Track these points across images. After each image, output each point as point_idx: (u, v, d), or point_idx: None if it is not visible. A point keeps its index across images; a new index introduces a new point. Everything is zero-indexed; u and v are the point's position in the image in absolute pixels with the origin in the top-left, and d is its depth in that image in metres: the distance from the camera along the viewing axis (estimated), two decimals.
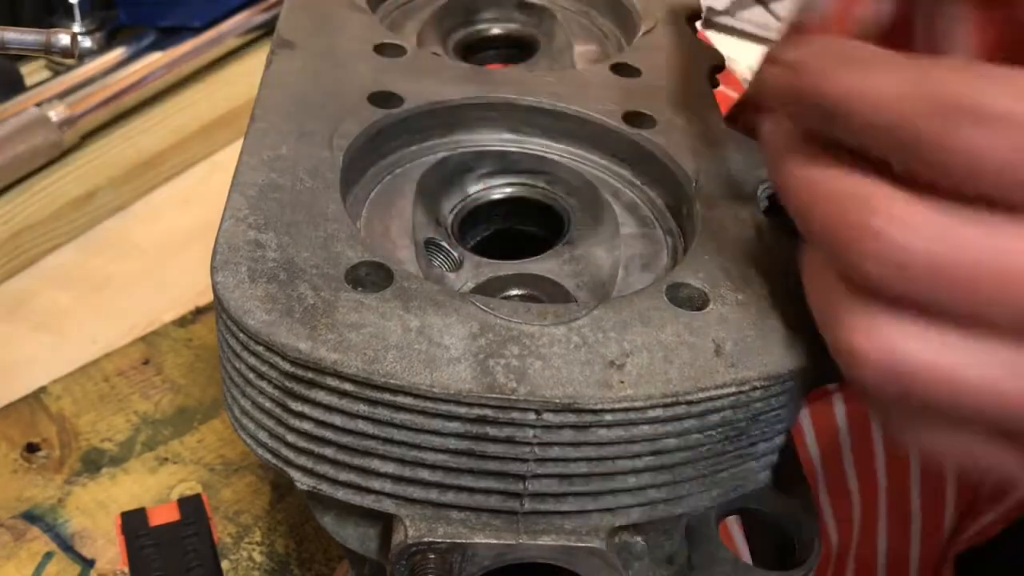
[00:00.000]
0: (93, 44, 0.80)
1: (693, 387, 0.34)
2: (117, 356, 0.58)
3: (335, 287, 0.35)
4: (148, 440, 0.54)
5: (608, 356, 0.34)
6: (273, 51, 0.48)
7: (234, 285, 0.35)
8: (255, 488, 0.52)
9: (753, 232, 0.41)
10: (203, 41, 0.80)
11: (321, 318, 0.34)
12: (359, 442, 0.34)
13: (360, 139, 0.43)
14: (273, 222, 0.38)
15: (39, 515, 0.49)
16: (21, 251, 0.64)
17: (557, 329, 0.35)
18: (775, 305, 0.37)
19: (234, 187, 0.39)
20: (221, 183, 0.41)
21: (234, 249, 0.36)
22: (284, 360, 0.33)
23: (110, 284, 0.65)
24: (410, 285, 0.36)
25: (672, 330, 0.35)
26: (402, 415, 0.33)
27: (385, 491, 0.35)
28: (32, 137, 0.67)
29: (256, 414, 0.36)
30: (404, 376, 0.32)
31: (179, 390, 0.57)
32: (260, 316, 0.34)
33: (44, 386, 0.56)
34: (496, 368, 0.33)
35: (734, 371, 0.34)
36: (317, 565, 0.48)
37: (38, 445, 0.53)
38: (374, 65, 0.49)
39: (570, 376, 0.33)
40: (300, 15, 0.52)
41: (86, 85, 0.73)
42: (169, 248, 0.68)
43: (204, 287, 0.63)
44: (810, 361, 0.35)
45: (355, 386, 0.33)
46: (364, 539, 0.37)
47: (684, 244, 0.43)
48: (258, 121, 0.43)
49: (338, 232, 0.38)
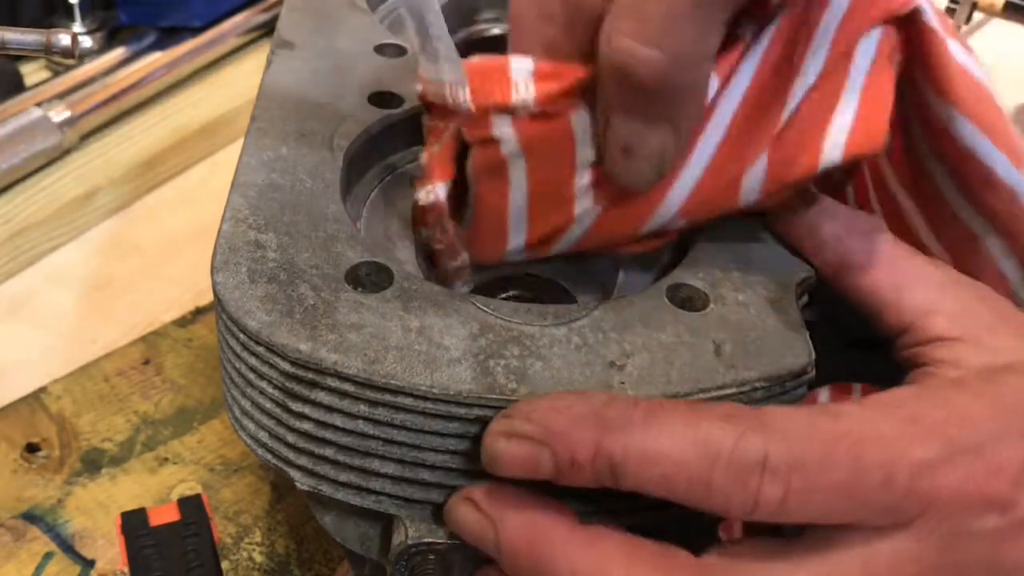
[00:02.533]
0: (93, 44, 0.80)
1: (693, 388, 0.34)
2: (117, 356, 0.58)
3: (335, 288, 0.35)
4: (148, 440, 0.54)
5: (608, 357, 0.34)
6: (273, 51, 0.48)
7: (234, 286, 0.35)
8: (255, 488, 0.52)
9: (753, 233, 0.41)
10: (203, 41, 0.80)
11: (321, 319, 0.34)
12: (359, 443, 0.34)
13: (360, 139, 0.43)
14: (273, 223, 0.38)
15: (39, 515, 0.49)
16: (21, 251, 0.64)
17: (557, 330, 0.35)
18: (775, 306, 0.37)
19: (234, 188, 0.39)
20: (221, 183, 0.41)
21: (234, 250, 0.36)
22: (284, 361, 0.33)
23: (110, 284, 0.64)
24: (410, 285, 0.36)
25: (672, 331, 0.35)
26: (402, 416, 0.33)
27: (385, 491, 0.35)
28: (32, 137, 0.67)
29: (256, 415, 0.36)
30: (404, 377, 0.32)
31: (179, 390, 0.57)
32: (260, 317, 0.34)
33: (44, 386, 0.56)
34: (496, 369, 0.33)
35: (734, 372, 0.34)
36: (317, 565, 0.48)
37: (38, 445, 0.53)
38: (374, 65, 0.49)
39: (570, 377, 0.33)
40: (300, 15, 0.52)
41: (86, 85, 0.72)
42: (169, 248, 0.68)
43: (204, 287, 0.63)
44: (810, 362, 0.35)
45: (355, 387, 0.33)
46: (364, 539, 0.37)
47: (684, 245, 0.42)
48: (258, 121, 0.43)
49: (338, 232, 0.38)
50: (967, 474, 0.30)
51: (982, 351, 0.34)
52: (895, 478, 0.30)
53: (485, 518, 0.32)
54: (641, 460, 0.30)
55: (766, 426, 0.30)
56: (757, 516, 0.30)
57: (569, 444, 0.31)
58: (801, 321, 0.37)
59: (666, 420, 0.31)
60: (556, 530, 0.32)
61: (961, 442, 0.31)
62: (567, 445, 0.31)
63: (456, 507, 0.33)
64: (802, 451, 0.30)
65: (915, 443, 0.31)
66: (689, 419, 0.31)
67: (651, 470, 0.30)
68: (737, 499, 0.30)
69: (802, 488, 0.30)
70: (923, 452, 0.30)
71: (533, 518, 0.32)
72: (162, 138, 0.74)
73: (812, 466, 0.30)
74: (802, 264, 0.39)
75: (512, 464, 0.32)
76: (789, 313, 0.37)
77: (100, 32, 0.80)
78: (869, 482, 0.30)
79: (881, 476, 0.30)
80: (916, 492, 0.30)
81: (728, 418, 0.31)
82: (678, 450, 0.30)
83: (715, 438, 0.30)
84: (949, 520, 0.30)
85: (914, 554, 0.31)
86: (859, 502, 0.30)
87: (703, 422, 0.31)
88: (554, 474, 0.31)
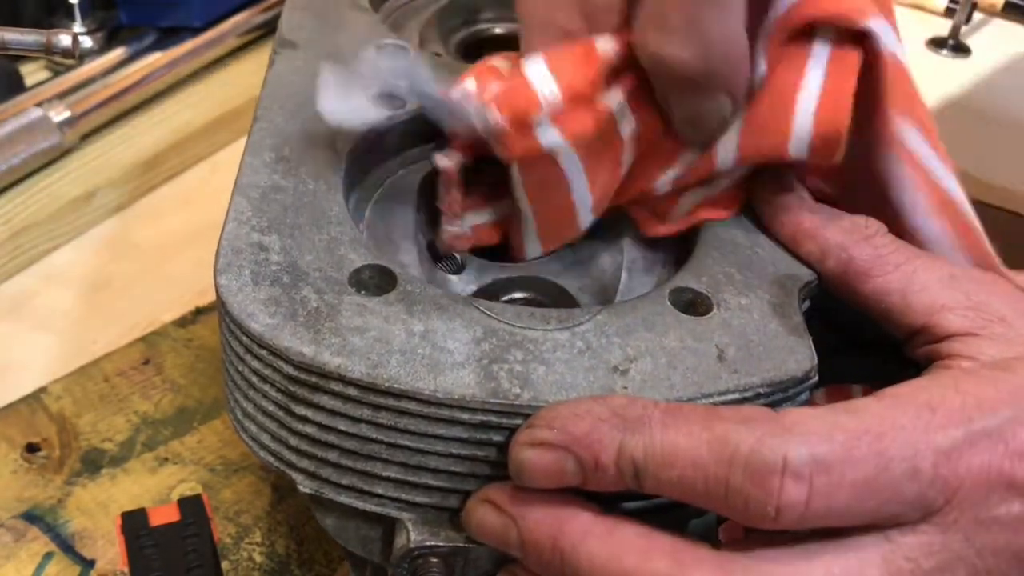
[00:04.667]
0: (93, 44, 0.79)
1: (696, 393, 0.34)
2: (117, 356, 0.58)
3: (338, 291, 0.35)
4: (148, 440, 0.54)
5: (612, 361, 0.34)
6: (275, 51, 0.48)
7: (237, 288, 0.35)
8: (255, 489, 0.52)
9: (755, 237, 0.41)
10: (203, 41, 0.80)
11: (324, 322, 0.34)
12: (362, 446, 0.34)
13: (363, 141, 0.43)
14: (276, 225, 0.38)
15: (39, 515, 0.49)
16: (21, 251, 0.64)
17: (560, 334, 0.35)
18: (778, 310, 0.37)
19: (237, 189, 0.39)
20: (221, 183, 0.41)
21: (237, 252, 0.36)
22: (287, 364, 0.33)
23: (110, 284, 0.64)
24: (413, 289, 0.36)
25: (675, 335, 0.35)
26: (405, 420, 0.33)
27: (388, 495, 0.35)
28: (32, 137, 0.67)
29: (259, 417, 0.36)
30: (407, 381, 0.32)
31: (179, 390, 0.56)
32: (263, 320, 0.34)
33: (44, 386, 0.56)
34: (500, 373, 0.33)
35: (737, 377, 0.34)
36: (318, 566, 0.48)
37: (38, 445, 0.53)
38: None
39: (574, 382, 0.33)
40: (302, 15, 0.52)
41: (86, 85, 0.72)
42: (169, 248, 0.67)
43: (204, 287, 0.63)
44: (813, 367, 0.35)
45: (358, 391, 0.33)
46: (366, 542, 0.37)
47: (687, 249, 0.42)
48: (260, 122, 0.43)
49: (341, 235, 0.38)
50: (990, 457, 0.30)
51: (995, 342, 0.35)
52: (920, 468, 0.30)
53: (506, 518, 0.33)
54: (660, 461, 0.30)
55: (785, 428, 0.30)
56: (781, 522, 0.30)
57: (592, 447, 0.31)
58: (804, 326, 0.37)
59: (683, 421, 0.31)
60: (578, 522, 0.32)
61: (981, 426, 0.31)
62: (590, 449, 0.31)
63: (475, 510, 0.34)
64: (823, 451, 0.30)
65: (936, 430, 0.31)
66: (707, 421, 0.31)
67: (669, 471, 0.30)
68: (757, 502, 0.30)
69: (826, 489, 0.30)
70: (944, 438, 0.30)
71: (554, 512, 0.32)
72: (162, 138, 0.74)
73: (835, 465, 0.30)
74: (804, 268, 0.39)
75: (539, 473, 0.32)
76: (792, 317, 0.37)
77: (100, 32, 0.80)
78: (894, 475, 0.30)
79: (905, 468, 0.30)
80: (941, 479, 0.30)
81: (747, 420, 0.31)
82: (695, 451, 0.30)
83: (733, 439, 0.30)
84: (973, 507, 0.30)
85: (937, 545, 0.30)
86: (885, 498, 0.30)
87: (721, 424, 0.30)
88: (581, 479, 0.31)
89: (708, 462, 0.30)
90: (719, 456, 0.30)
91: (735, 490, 0.30)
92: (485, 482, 0.34)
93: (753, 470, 0.30)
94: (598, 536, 0.32)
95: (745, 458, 0.30)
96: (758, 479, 0.30)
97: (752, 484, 0.30)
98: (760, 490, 0.30)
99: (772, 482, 0.29)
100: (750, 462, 0.30)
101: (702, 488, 0.30)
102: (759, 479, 0.30)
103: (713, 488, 0.30)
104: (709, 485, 0.30)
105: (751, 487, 0.30)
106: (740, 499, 0.30)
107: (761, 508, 0.30)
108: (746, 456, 0.30)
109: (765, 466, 0.30)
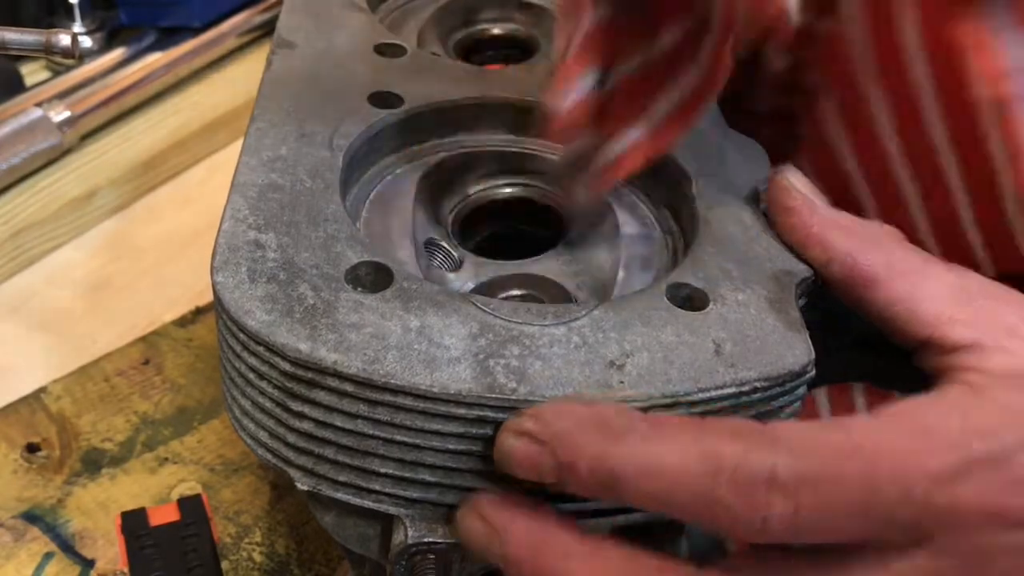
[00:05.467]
0: (93, 44, 0.80)
1: (693, 387, 0.34)
2: (117, 356, 0.58)
3: (335, 287, 0.35)
4: (148, 440, 0.54)
5: (608, 356, 0.34)
6: (273, 51, 0.49)
7: (234, 285, 0.35)
8: (255, 488, 0.52)
9: (753, 232, 0.41)
10: (203, 41, 0.80)
11: (321, 318, 0.34)
12: (359, 442, 0.34)
13: (360, 139, 0.43)
14: (273, 222, 0.38)
15: (39, 515, 0.49)
16: (21, 251, 0.64)
17: (557, 329, 0.35)
18: (775, 305, 0.37)
19: (234, 188, 0.39)
20: (221, 183, 0.41)
21: (234, 249, 0.36)
22: (284, 360, 0.33)
23: (110, 284, 0.64)
24: (410, 285, 0.36)
25: (672, 330, 0.35)
26: (402, 415, 0.33)
27: (385, 491, 0.35)
28: (32, 137, 0.67)
29: (256, 414, 0.36)
30: (404, 376, 0.32)
31: (179, 390, 0.57)
32: (260, 316, 0.34)
33: (44, 386, 0.56)
34: (496, 368, 0.33)
35: (734, 371, 0.34)
36: (317, 565, 0.48)
37: (38, 445, 0.53)
38: (374, 65, 0.49)
39: (570, 376, 0.33)
40: (300, 15, 0.52)
41: (86, 85, 0.72)
42: (169, 248, 0.67)
43: (204, 287, 0.62)
44: (810, 361, 0.35)
45: (355, 386, 0.33)
46: (364, 539, 0.37)
47: (684, 244, 0.42)
48: (258, 121, 0.43)
49: (338, 232, 0.38)
50: (986, 487, 0.29)
51: (1005, 355, 0.33)
52: (911, 493, 0.29)
53: (491, 529, 0.32)
54: (641, 472, 0.30)
55: (774, 441, 0.30)
56: (768, 536, 0.29)
57: (570, 447, 0.30)
58: (801, 320, 0.37)
59: (669, 433, 0.30)
60: (559, 542, 0.32)
61: (979, 454, 0.30)
62: (569, 448, 0.30)
63: (463, 518, 0.33)
64: (812, 466, 0.29)
65: (931, 456, 0.30)
66: (694, 433, 0.30)
67: (651, 483, 0.30)
68: (744, 516, 0.29)
69: (813, 505, 0.29)
70: (939, 465, 0.29)
71: (537, 529, 0.32)
72: (162, 138, 0.74)
73: (823, 482, 0.29)
74: (801, 264, 0.39)
75: (518, 462, 0.31)
76: (789, 312, 0.37)
77: (100, 32, 0.80)
78: (884, 498, 0.29)
79: (896, 491, 0.29)
80: (933, 507, 0.29)
81: (735, 433, 0.30)
82: (680, 463, 0.30)
83: (719, 451, 0.29)
84: (968, 536, 0.30)
85: (932, 572, 0.30)
86: (874, 519, 0.29)
87: (708, 436, 0.30)
88: (556, 477, 0.31)
89: (693, 473, 0.29)
90: (705, 468, 0.29)
91: (721, 502, 0.29)
92: (482, 478, 0.34)
93: (739, 482, 0.29)
94: (579, 557, 0.31)
95: (732, 471, 0.29)
96: (744, 491, 0.29)
97: (737, 496, 0.29)
98: (746, 503, 0.29)
99: (758, 494, 0.29)
100: (737, 474, 0.29)
101: (687, 500, 0.30)
102: (745, 491, 0.29)
103: (698, 501, 0.30)
104: (694, 498, 0.30)
105: (736, 499, 0.29)
106: (725, 511, 0.29)
107: (747, 521, 0.29)
108: (732, 468, 0.29)
109: (751, 478, 0.29)
